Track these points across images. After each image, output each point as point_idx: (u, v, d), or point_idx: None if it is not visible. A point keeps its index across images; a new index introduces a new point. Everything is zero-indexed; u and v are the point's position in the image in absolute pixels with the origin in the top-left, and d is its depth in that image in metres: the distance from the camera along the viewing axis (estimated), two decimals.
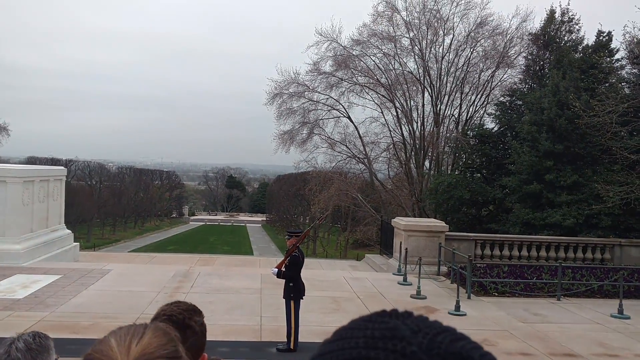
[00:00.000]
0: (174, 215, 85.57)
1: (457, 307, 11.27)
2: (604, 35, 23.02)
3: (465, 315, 11.13)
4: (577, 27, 26.08)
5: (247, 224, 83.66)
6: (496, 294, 13.20)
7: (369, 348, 0.59)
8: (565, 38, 26.08)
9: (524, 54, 28.93)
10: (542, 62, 26.95)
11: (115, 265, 14.76)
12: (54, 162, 51.98)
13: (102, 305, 10.47)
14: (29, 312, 9.88)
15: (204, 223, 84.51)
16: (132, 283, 12.53)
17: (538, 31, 27.10)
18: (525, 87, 27.51)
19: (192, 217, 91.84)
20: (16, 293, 11.14)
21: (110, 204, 60.49)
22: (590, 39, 24.66)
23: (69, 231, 18.06)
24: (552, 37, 25.93)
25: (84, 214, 51.66)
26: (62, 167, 20.48)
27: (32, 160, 51.49)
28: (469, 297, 12.58)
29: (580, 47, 24.61)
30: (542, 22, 26.96)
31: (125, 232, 62.50)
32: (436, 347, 0.58)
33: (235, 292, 12.02)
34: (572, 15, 26.10)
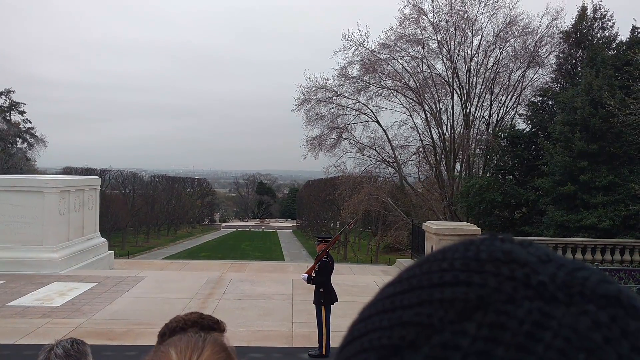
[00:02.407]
0: (206, 222, 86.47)
1: None
2: (639, 30, 22.45)
3: None
4: (610, 23, 25.53)
5: (278, 230, 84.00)
6: None
7: (471, 271, 0.39)
8: (598, 35, 25.55)
9: (555, 53, 28.44)
10: (574, 61, 26.44)
11: (149, 272, 14.98)
12: (88, 172, 53.17)
13: (136, 312, 10.64)
14: (66, 319, 10.10)
15: (235, 229, 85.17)
16: (166, 290, 12.70)
17: (569, 29, 26.61)
18: (557, 87, 27.02)
19: (224, 224, 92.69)
20: (54, 301, 11.41)
21: (144, 212, 61.47)
22: (624, 35, 24.15)
23: (104, 239, 18.41)
24: (584, 34, 25.43)
25: (118, 222, 52.63)
26: (97, 177, 20.92)
27: (68, 171, 52.74)
28: None
29: (614, 44, 24.06)
30: (574, 19, 26.48)
31: (159, 239, 63.42)
32: (578, 284, 0.37)
33: (267, 298, 12.06)
34: (604, 11, 25.57)
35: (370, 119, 32.48)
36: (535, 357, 0.34)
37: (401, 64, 31.39)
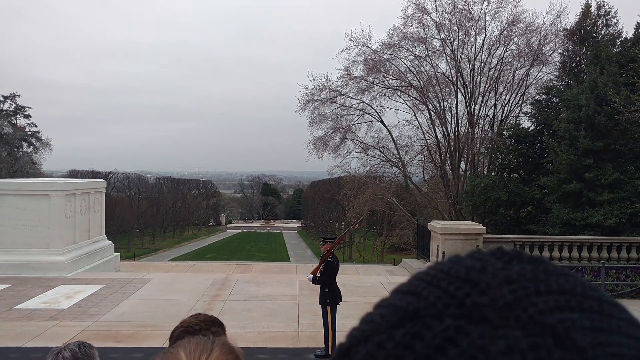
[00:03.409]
0: (211, 223, 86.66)
1: None
2: None
3: None
4: (614, 20, 25.44)
5: (283, 231, 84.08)
6: None
7: (429, 284, 0.42)
8: (602, 32, 25.47)
9: (559, 51, 28.37)
10: (578, 58, 26.36)
11: (155, 275, 15.04)
12: (94, 174, 53.36)
13: (143, 314, 10.68)
14: (73, 321, 10.15)
15: (240, 230, 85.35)
16: (172, 292, 12.74)
17: (573, 26, 26.53)
18: (561, 84, 26.95)
19: (229, 225, 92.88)
20: (61, 303, 11.47)
21: (149, 214, 61.66)
22: (629, 31, 24.04)
23: (110, 242, 18.48)
24: (589, 31, 25.35)
25: (124, 224, 52.82)
26: (102, 180, 21.02)
27: (73, 174, 52.96)
28: None
29: (618, 41, 23.99)
30: (578, 16, 26.41)
31: (164, 241, 63.59)
32: (521, 309, 0.38)
33: (273, 299, 12.08)
34: (608, 8, 25.48)
35: (374, 119, 32.49)
36: None
37: (405, 64, 31.40)
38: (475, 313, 0.38)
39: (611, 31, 25.24)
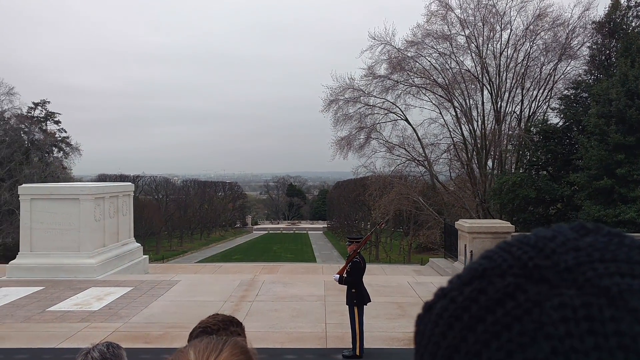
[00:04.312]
0: (238, 225, 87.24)
1: None
2: None
3: None
4: None
5: (309, 231, 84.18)
6: None
7: (504, 250, 0.47)
8: (633, 24, 24.88)
9: (588, 44, 27.79)
10: (608, 51, 25.80)
11: (183, 276, 15.17)
12: (122, 178, 54.22)
13: (171, 316, 10.77)
14: (103, 323, 10.29)
15: (266, 232, 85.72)
16: (200, 293, 12.83)
17: (602, 19, 25.98)
18: (590, 79, 26.39)
19: (255, 227, 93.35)
20: (92, 305, 11.65)
21: (177, 216, 62.40)
22: None
23: (139, 244, 18.72)
24: (618, 23, 24.78)
25: (152, 227, 53.53)
26: (130, 183, 21.30)
27: (102, 178, 53.89)
28: None
29: None
30: (607, 9, 25.84)
31: (192, 243, 64.27)
32: (581, 272, 0.41)
33: (299, 300, 12.07)
34: None
35: (399, 118, 32.30)
36: (492, 319, 0.42)
37: (429, 61, 31.16)
38: (535, 273, 0.42)
39: None
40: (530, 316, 0.40)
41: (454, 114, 31.05)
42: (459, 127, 31.09)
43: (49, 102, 49.20)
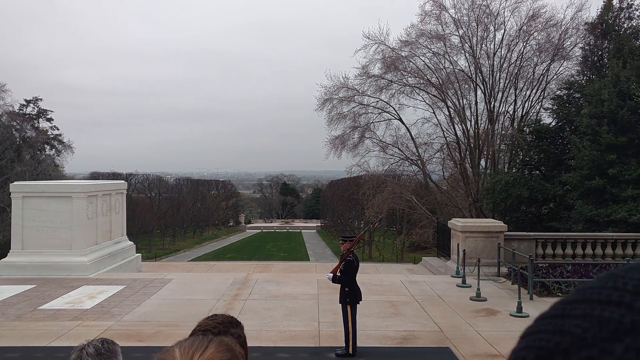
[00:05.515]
0: (231, 223, 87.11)
1: (519, 309, 10.92)
2: None
3: (527, 316, 10.77)
4: (637, 13, 25.01)
5: (302, 230, 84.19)
6: (560, 294, 12.71)
7: (637, 295, 0.40)
8: (625, 25, 25.03)
9: (581, 45, 27.94)
10: (600, 52, 25.94)
11: (176, 275, 15.14)
12: (115, 176, 54.03)
13: (164, 314, 10.76)
14: (96, 321, 10.26)
15: (260, 230, 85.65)
16: (193, 291, 12.82)
17: (595, 20, 26.12)
18: (583, 79, 26.54)
19: (249, 225, 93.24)
20: (84, 303, 11.60)
21: (170, 215, 62.23)
22: None
23: (131, 242, 18.66)
24: (611, 25, 24.93)
25: (145, 225, 53.38)
26: (123, 181, 21.23)
27: (95, 176, 53.67)
28: (531, 298, 12.19)
29: None
30: (599, 10, 26.00)
31: (185, 241, 64.11)
32: None
33: (293, 298, 12.09)
34: (631, 1, 25.02)
35: (392, 117, 32.34)
36: None
37: (423, 61, 31.21)
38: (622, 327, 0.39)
39: (634, 24, 24.78)
40: None
41: (447, 113, 31.16)
42: (452, 127, 31.21)
43: (41, 99, 48.97)
